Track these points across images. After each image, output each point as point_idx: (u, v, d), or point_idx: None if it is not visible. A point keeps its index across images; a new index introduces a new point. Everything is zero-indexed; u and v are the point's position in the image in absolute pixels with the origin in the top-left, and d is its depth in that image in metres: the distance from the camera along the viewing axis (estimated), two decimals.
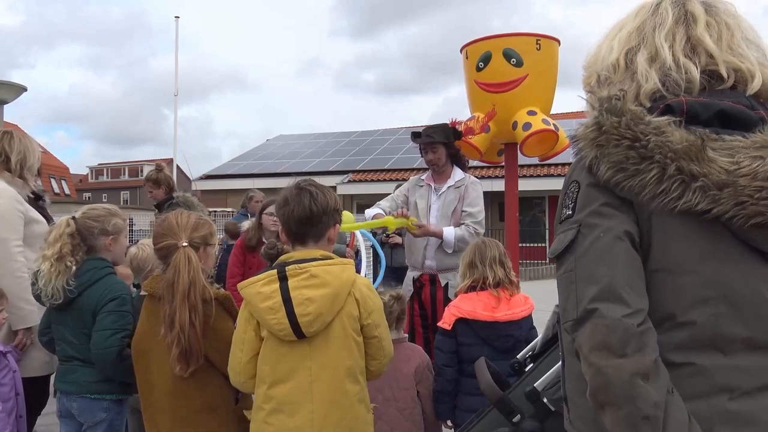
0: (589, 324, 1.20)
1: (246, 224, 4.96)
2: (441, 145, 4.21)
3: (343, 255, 4.78)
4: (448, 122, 4.59)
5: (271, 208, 4.51)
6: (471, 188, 4.19)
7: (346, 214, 5.45)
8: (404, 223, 4.02)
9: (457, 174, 4.27)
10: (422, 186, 4.33)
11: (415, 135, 4.31)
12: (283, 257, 2.14)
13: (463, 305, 2.95)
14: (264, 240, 4.53)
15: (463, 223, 4.07)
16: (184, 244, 2.32)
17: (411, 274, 4.24)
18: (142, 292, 2.54)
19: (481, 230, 4.08)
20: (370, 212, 4.28)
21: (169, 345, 2.21)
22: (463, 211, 4.11)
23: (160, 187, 5.16)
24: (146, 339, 2.36)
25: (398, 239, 6.92)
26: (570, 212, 1.32)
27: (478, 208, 4.13)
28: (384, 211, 4.25)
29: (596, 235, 1.25)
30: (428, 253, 4.15)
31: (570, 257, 1.27)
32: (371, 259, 11.34)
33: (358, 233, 6.21)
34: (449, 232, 4.02)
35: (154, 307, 2.34)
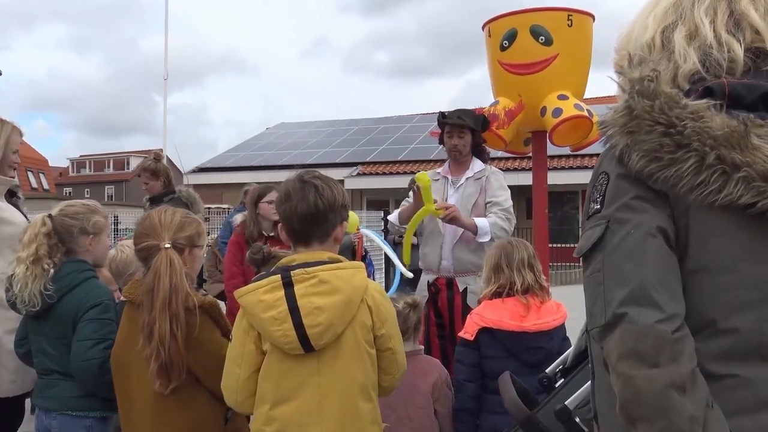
0: (618, 330, 1.21)
1: (239, 218, 4.99)
2: (469, 131, 4.23)
3: (349, 245, 4.80)
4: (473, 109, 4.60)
5: (270, 196, 4.55)
6: (493, 178, 4.21)
7: (351, 216, 5.47)
8: (424, 213, 4.01)
9: (477, 165, 4.29)
10: (437, 179, 4.35)
11: (443, 115, 4.31)
12: (285, 260, 2.14)
13: (488, 313, 2.95)
14: (264, 232, 4.56)
15: (490, 213, 4.07)
16: (167, 245, 2.33)
17: (425, 278, 4.25)
18: (123, 298, 2.56)
19: (513, 219, 4.08)
20: (393, 216, 4.40)
21: (148, 358, 2.21)
22: (487, 203, 4.11)
23: (158, 179, 5.18)
24: (126, 350, 2.38)
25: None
26: (598, 206, 1.33)
27: (504, 197, 4.15)
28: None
29: (626, 231, 1.26)
30: (444, 253, 4.15)
31: (597, 256, 1.29)
32: (382, 263, 11.36)
33: (368, 233, 6.23)
34: (482, 220, 4.02)
35: (135, 315, 2.36)
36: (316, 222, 2.13)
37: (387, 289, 10.98)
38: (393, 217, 4.42)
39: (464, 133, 4.23)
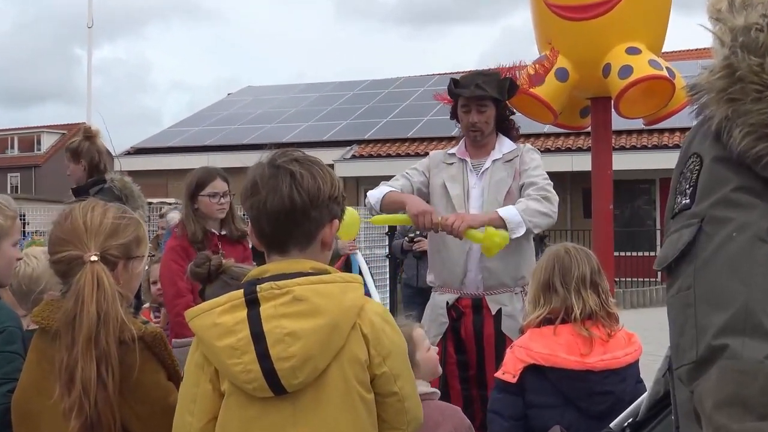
0: (715, 369, 1.22)
1: (175, 216, 4.98)
2: (493, 102, 4.24)
3: (334, 256, 4.77)
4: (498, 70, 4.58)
5: (214, 186, 4.53)
6: (527, 156, 4.22)
7: (349, 214, 5.43)
8: (482, 240, 3.89)
9: (506, 144, 4.30)
10: (452, 163, 4.34)
11: (456, 83, 4.31)
12: (255, 271, 2.15)
13: (536, 345, 2.96)
14: (212, 230, 4.55)
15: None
16: (94, 257, 2.31)
17: (441, 298, 4.24)
18: (32, 325, 2.55)
19: (554, 196, 4.06)
20: (376, 194, 4.23)
21: (67, 413, 2.18)
22: (521, 186, 4.11)
23: (78, 162, 5.19)
24: (35, 396, 2.35)
25: (426, 244, 6.96)
26: (687, 201, 1.34)
27: (541, 175, 4.13)
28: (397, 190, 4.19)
29: (727, 235, 1.27)
30: (471, 264, 4.14)
31: (687, 268, 1.29)
32: (386, 277, 11.38)
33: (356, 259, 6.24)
34: (507, 210, 3.97)
35: (48, 349, 2.33)
36: (292, 222, 2.12)
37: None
38: (375, 195, 4.21)
39: (486, 106, 4.22)
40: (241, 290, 2.07)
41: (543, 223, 3.97)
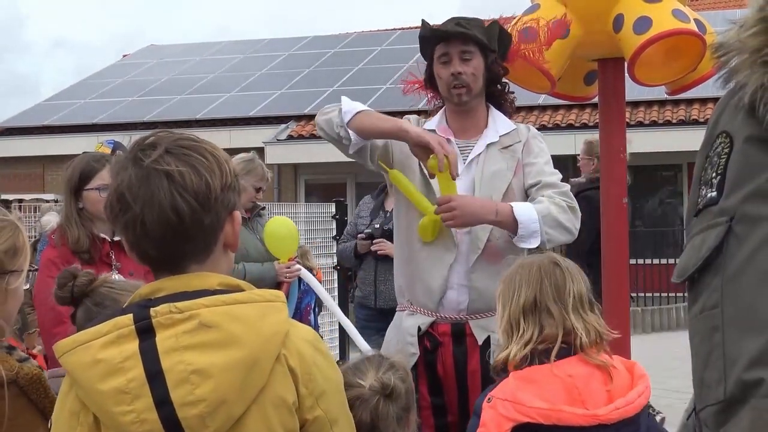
0: (747, 411, 1.23)
1: (51, 219, 4.93)
2: (480, 52, 4.18)
3: (271, 283, 4.66)
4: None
5: (106, 176, 4.47)
6: (534, 144, 4.23)
7: (278, 223, 5.31)
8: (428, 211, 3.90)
9: (501, 122, 4.28)
10: None
11: (427, 28, 4.24)
12: (143, 290, 2.14)
13: (527, 397, 2.89)
14: (101, 235, 4.53)
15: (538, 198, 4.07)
16: None
17: (411, 322, 4.21)
18: None
19: (577, 210, 4.08)
20: (347, 107, 4.13)
21: None
22: (533, 185, 4.12)
23: None
24: None
25: (389, 247, 6.76)
26: (714, 194, 1.36)
27: (556, 175, 4.17)
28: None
29: (763, 238, 1.29)
30: (454, 275, 4.11)
31: (713, 281, 1.31)
32: (334, 290, 11.34)
33: (305, 275, 6.20)
34: (524, 208, 3.95)
35: None
36: (182, 237, 2.10)
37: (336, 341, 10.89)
38: (346, 108, 4.14)
39: (471, 53, 4.13)
40: (130, 315, 2.04)
41: (560, 240, 3.99)
